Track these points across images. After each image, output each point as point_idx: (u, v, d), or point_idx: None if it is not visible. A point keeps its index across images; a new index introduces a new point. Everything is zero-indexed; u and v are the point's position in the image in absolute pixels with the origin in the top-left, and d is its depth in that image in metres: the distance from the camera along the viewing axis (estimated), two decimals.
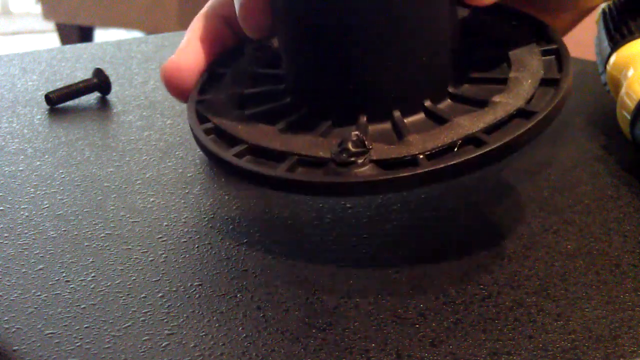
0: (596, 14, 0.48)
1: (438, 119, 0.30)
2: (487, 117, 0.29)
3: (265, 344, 0.25)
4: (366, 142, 0.28)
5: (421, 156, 0.28)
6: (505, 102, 0.30)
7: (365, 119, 0.30)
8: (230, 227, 0.32)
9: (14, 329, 0.25)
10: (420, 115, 0.31)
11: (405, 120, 0.30)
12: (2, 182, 0.36)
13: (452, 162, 0.27)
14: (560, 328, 0.26)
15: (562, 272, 0.29)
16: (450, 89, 0.32)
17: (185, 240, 0.31)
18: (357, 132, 0.29)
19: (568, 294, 0.28)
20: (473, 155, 0.27)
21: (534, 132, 0.28)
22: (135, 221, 0.33)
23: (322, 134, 0.30)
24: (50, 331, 0.25)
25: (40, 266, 0.29)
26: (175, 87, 0.35)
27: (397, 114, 0.30)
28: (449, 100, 0.31)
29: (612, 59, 0.43)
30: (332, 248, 0.31)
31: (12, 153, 0.40)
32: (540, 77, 0.31)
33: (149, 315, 0.26)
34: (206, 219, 0.33)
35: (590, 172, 0.39)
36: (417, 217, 0.34)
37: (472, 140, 0.28)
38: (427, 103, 0.31)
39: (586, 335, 0.25)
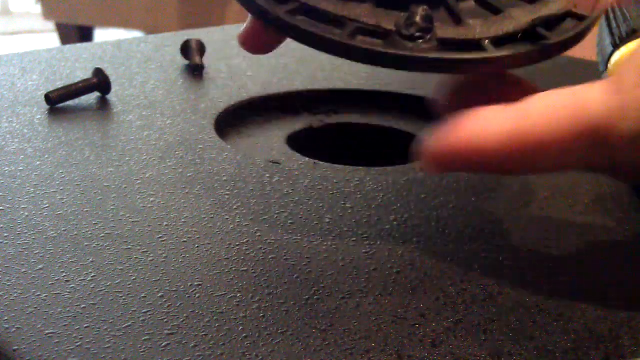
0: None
1: (491, 9, 0.30)
2: (541, 12, 0.29)
3: (265, 344, 0.25)
4: (434, 18, 0.28)
5: (486, 41, 0.28)
6: (553, 3, 0.30)
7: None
8: (231, 226, 0.32)
9: (14, 329, 0.25)
10: (471, 3, 0.30)
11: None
12: (2, 182, 0.36)
13: (518, 52, 0.27)
14: (560, 328, 0.26)
15: (562, 272, 0.29)
16: None
17: (185, 240, 0.31)
18: (425, 7, 0.28)
19: (568, 294, 0.28)
20: (535, 48, 0.28)
21: (585, 33, 0.29)
22: (135, 221, 0.33)
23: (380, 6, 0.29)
24: (50, 331, 0.25)
25: (40, 266, 0.29)
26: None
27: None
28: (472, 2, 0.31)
29: (614, 58, 0.43)
30: (332, 248, 0.31)
31: (12, 153, 0.40)
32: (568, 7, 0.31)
33: (149, 315, 0.26)
34: (206, 219, 0.33)
35: (590, 172, 0.39)
36: (417, 217, 0.34)
37: (532, 34, 0.29)
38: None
39: (586, 335, 0.25)
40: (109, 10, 2.15)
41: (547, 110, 0.26)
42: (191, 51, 0.57)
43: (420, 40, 0.27)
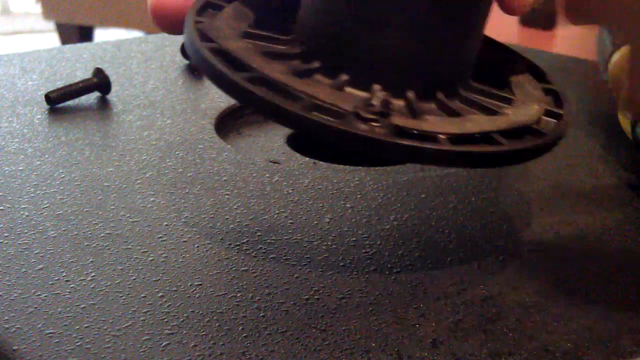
0: None
1: (451, 113, 0.30)
2: (499, 122, 0.29)
3: (265, 344, 0.25)
4: (391, 106, 0.28)
5: (442, 136, 0.27)
6: (515, 116, 0.30)
7: (379, 88, 0.29)
8: (230, 227, 0.32)
9: (14, 329, 0.25)
10: (431, 105, 0.30)
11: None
12: (2, 181, 0.36)
13: (473, 150, 0.27)
14: (560, 328, 0.26)
15: (562, 272, 0.29)
16: (461, 91, 0.31)
17: (185, 240, 0.31)
18: (384, 93, 0.28)
19: (568, 294, 0.28)
20: (491, 150, 0.27)
21: (543, 149, 0.28)
22: (135, 221, 0.33)
23: (338, 88, 0.29)
24: (50, 331, 0.25)
25: (40, 266, 0.29)
26: (164, 16, 0.32)
27: (410, 94, 0.29)
28: (457, 102, 0.31)
29: (615, 57, 0.43)
30: (332, 248, 0.31)
31: (12, 153, 0.40)
32: (545, 107, 0.31)
33: (149, 315, 0.26)
34: (206, 219, 0.33)
35: (590, 172, 0.39)
36: (417, 217, 0.34)
37: (489, 139, 0.28)
38: (440, 96, 0.30)
39: (586, 335, 0.25)
40: (109, 10, 2.15)
41: None
42: None
43: (375, 124, 0.27)
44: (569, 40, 0.35)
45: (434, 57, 0.30)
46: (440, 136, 0.27)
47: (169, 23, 0.32)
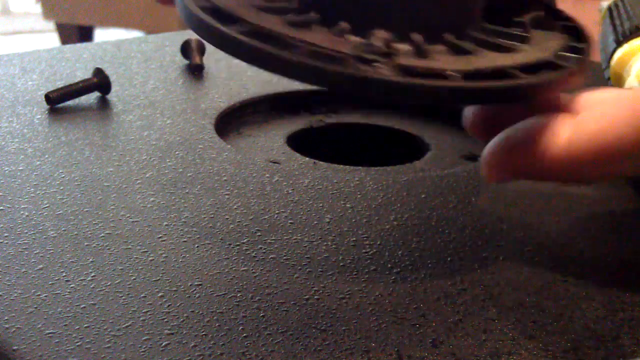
0: (600, 11, 0.48)
1: (462, 52, 0.28)
2: (515, 57, 0.28)
3: (265, 344, 0.25)
4: (394, 45, 0.26)
5: (451, 72, 0.26)
6: (532, 52, 0.29)
7: (381, 33, 0.28)
8: (231, 226, 0.32)
9: (14, 329, 0.25)
10: (439, 47, 0.29)
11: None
12: (2, 181, 0.36)
13: (487, 85, 0.26)
14: (560, 328, 0.26)
15: (562, 272, 0.29)
16: (472, 33, 0.30)
17: (185, 240, 0.31)
18: (385, 33, 0.27)
19: (568, 294, 0.28)
20: (508, 84, 0.26)
21: (564, 81, 0.27)
22: (135, 221, 0.33)
23: (337, 36, 0.28)
24: (50, 331, 0.25)
25: (40, 266, 0.29)
26: None
27: (416, 37, 0.28)
28: (468, 42, 0.29)
29: (617, 55, 0.43)
30: (332, 248, 0.31)
31: (12, 153, 0.40)
32: (564, 42, 0.30)
33: (149, 315, 0.26)
34: (206, 219, 0.33)
35: None
36: (417, 217, 0.34)
37: (505, 75, 0.27)
38: (449, 37, 0.29)
39: (586, 335, 0.25)
40: (109, 10, 2.14)
41: (608, 114, 0.25)
42: (191, 51, 0.57)
43: (379, 64, 0.25)
44: None
45: None
46: (451, 73, 0.26)
47: None
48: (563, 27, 0.32)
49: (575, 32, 0.31)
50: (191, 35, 0.60)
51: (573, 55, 0.29)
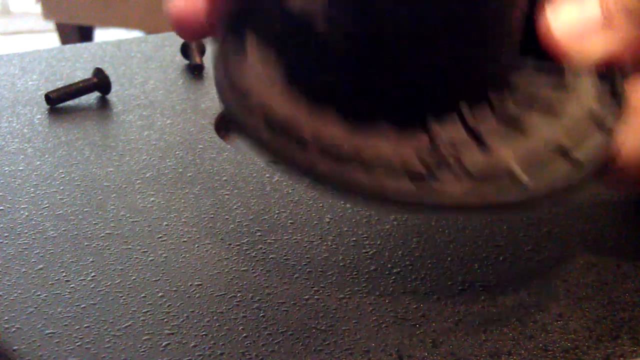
0: None
1: (509, 121, 0.26)
2: (566, 123, 0.26)
3: (265, 344, 0.25)
4: (459, 148, 0.25)
5: (520, 174, 0.24)
6: (574, 108, 0.26)
7: (431, 117, 0.26)
8: (230, 227, 0.32)
9: (14, 329, 0.25)
10: (485, 112, 0.26)
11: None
12: (2, 181, 0.36)
13: (557, 180, 0.24)
14: (560, 328, 0.26)
15: (562, 272, 0.29)
16: (513, 79, 0.27)
17: (185, 240, 0.31)
18: (456, 134, 0.25)
19: (568, 294, 0.28)
20: (574, 169, 0.24)
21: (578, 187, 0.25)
22: (135, 221, 0.33)
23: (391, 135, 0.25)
24: (50, 331, 0.25)
25: (40, 266, 0.29)
26: (185, 27, 0.29)
27: (464, 109, 0.26)
28: (511, 103, 0.27)
29: None
30: (332, 248, 0.31)
31: (12, 153, 0.40)
32: (592, 110, 0.27)
33: (149, 314, 0.26)
34: (206, 219, 0.33)
35: None
36: (417, 217, 0.34)
37: (566, 153, 0.25)
38: (493, 97, 0.26)
39: (586, 335, 0.25)
40: (109, 10, 2.15)
41: None
42: (191, 51, 0.57)
43: (448, 175, 0.24)
44: None
45: (480, 53, 0.26)
46: (521, 175, 0.24)
47: (191, 33, 0.29)
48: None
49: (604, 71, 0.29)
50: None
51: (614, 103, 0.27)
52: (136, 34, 2.18)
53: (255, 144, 0.25)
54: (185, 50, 0.57)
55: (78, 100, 0.48)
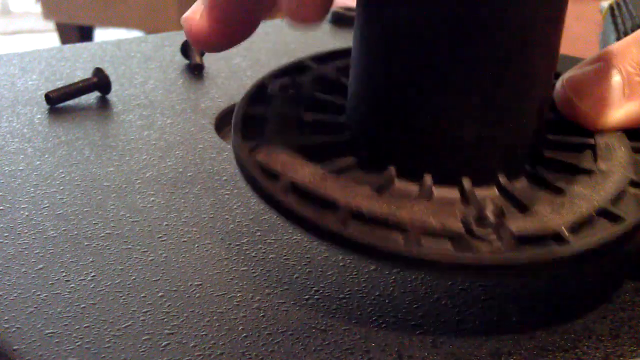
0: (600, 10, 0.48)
1: (550, 187, 0.26)
2: (606, 187, 0.26)
3: (265, 343, 0.25)
4: (500, 211, 0.24)
5: (564, 230, 0.24)
6: (611, 170, 0.27)
7: (467, 181, 0.25)
8: (231, 226, 0.32)
9: (13, 329, 0.25)
10: (522, 181, 0.26)
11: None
12: (2, 181, 0.36)
13: (603, 239, 0.24)
14: (560, 328, 0.26)
15: (562, 272, 0.29)
16: (527, 167, 0.27)
17: (185, 240, 0.31)
18: (494, 198, 0.25)
19: (568, 294, 0.28)
20: (619, 228, 0.24)
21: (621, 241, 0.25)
22: (135, 221, 0.33)
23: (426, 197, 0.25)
24: (50, 330, 0.25)
25: (40, 265, 0.29)
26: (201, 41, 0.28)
27: (503, 179, 0.26)
28: (524, 179, 0.27)
29: None
30: (332, 248, 0.31)
31: (12, 152, 0.40)
32: (630, 176, 0.27)
33: (149, 314, 0.26)
34: (206, 218, 0.33)
35: None
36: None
37: (608, 214, 0.25)
38: (502, 179, 0.26)
39: (586, 335, 0.25)
40: (109, 10, 2.15)
41: None
42: (191, 51, 0.57)
43: (494, 238, 0.23)
44: (572, 40, 0.35)
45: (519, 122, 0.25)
46: (565, 234, 0.24)
47: (206, 46, 0.29)
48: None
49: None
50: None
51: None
52: (136, 34, 2.18)
53: (281, 212, 0.25)
54: (185, 50, 0.57)
55: (78, 100, 0.48)
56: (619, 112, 0.28)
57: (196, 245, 0.31)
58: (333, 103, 0.29)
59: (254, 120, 0.29)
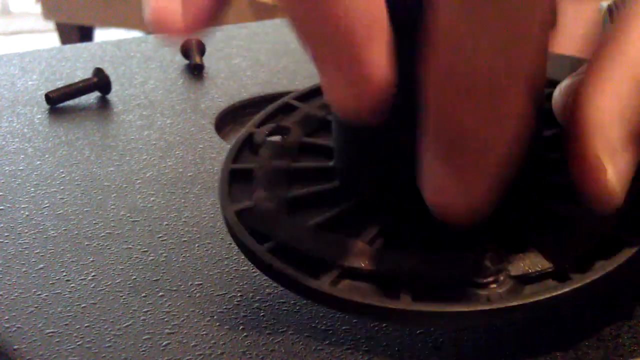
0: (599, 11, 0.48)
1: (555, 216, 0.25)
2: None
3: (265, 343, 0.25)
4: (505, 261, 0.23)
5: (566, 265, 0.23)
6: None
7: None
8: None
9: (14, 328, 0.25)
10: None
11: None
12: (2, 181, 0.36)
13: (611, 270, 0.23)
14: (560, 328, 0.26)
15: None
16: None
17: (185, 239, 0.31)
18: (492, 246, 0.24)
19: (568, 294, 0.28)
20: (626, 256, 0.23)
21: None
22: (136, 220, 0.33)
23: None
24: (51, 330, 0.25)
25: (41, 265, 0.29)
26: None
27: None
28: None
29: None
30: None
31: (12, 152, 0.40)
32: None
33: (150, 314, 0.26)
34: (206, 218, 0.33)
35: None
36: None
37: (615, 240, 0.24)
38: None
39: (586, 335, 0.25)
40: (109, 10, 2.15)
41: None
42: (191, 51, 0.57)
43: (494, 285, 0.23)
44: (571, 40, 0.35)
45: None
46: (565, 265, 0.23)
47: (170, 31, 0.25)
48: None
49: None
50: (191, 35, 0.60)
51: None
52: (136, 34, 2.18)
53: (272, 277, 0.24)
54: (185, 50, 0.57)
55: (78, 100, 0.48)
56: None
57: (196, 245, 0.31)
58: (321, 146, 0.29)
59: (242, 175, 0.28)
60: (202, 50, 0.57)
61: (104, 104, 0.48)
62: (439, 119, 0.19)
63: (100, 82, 0.49)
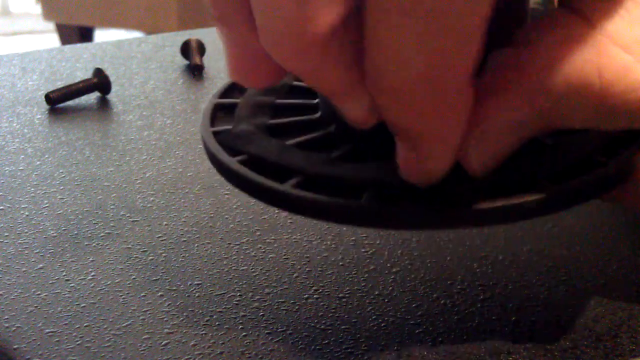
0: None
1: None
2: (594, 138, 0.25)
3: (265, 343, 0.25)
4: None
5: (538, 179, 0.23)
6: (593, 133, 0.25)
7: None
8: (230, 226, 0.32)
9: (14, 328, 0.25)
10: None
11: None
12: (2, 181, 0.36)
13: (581, 185, 0.23)
14: (560, 328, 0.26)
15: (563, 272, 0.29)
16: None
17: (185, 239, 0.31)
18: None
19: (568, 294, 0.28)
20: (597, 177, 0.23)
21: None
22: (135, 220, 0.33)
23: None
24: (51, 330, 0.25)
25: (41, 265, 0.29)
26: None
27: None
28: None
29: None
30: (332, 247, 0.31)
31: (12, 152, 0.40)
32: None
33: (149, 314, 0.26)
34: (206, 218, 0.33)
35: None
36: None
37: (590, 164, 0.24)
38: None
39: (586, 335, 0.25)
40: (109, 10, 2.15)
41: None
42: (191, 51, 0.57)
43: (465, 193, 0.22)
44: None
45: None
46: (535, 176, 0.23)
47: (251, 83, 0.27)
48: None
49: None
50: (191, 35, 0.60)
51: None
52: (136, 34, 2.18)
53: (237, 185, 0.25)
54: (185, 51, 0.57)
55: (78, 100, 0.48)
56: None
57: (196, 245, 0.31)
58: (309, 90, 0.29)
59: (227, 109, 0.28)
60: (202, 50, 0.57)
61: (104, 104, 0.48)
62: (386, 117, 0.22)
63: (100, 82, 0.49)
